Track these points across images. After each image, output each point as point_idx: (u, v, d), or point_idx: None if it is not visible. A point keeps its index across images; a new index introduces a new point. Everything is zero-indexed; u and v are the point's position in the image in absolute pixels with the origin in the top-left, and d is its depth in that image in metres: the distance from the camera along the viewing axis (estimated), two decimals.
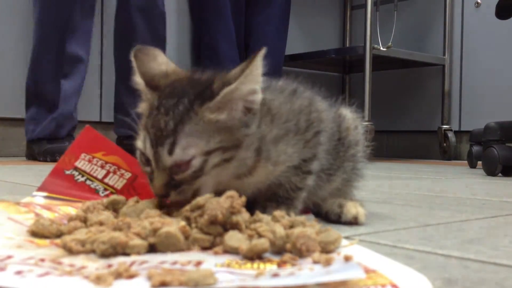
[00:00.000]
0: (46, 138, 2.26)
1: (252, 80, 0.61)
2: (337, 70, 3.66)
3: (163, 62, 0.68)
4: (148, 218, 0.54)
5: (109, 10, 2.59)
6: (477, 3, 3.10)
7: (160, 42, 2.34)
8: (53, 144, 2.22)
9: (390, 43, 2.88)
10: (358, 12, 3.57)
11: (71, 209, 0.71)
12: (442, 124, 3.20)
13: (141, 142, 0.62)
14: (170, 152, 0.60)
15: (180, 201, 0.61)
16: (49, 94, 2.25)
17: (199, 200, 0.56)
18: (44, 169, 1.65)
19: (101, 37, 2.67)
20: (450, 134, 3.15)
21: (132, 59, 0.67)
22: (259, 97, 0.63)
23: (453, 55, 3.21)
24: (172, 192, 0.61)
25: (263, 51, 0.60)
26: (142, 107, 0.65)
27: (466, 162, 2.43)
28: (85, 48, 2.31)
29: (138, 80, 0.66)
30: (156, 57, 0.68)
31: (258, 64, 0.61)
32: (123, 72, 2.38)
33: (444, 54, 3.20)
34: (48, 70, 2.24)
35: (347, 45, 3.67)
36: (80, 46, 2.27)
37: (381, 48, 2.84)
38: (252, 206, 0.65)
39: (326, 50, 3.19)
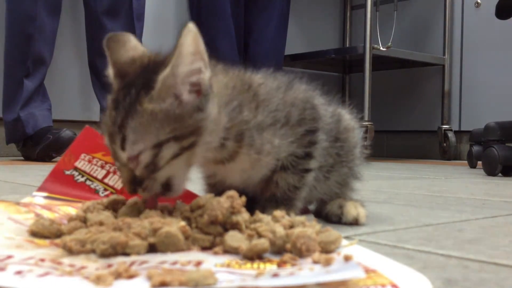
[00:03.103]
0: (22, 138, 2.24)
1: (187, 61, 0.55)
2: (337, 70, 3.66)
3: (132, 47, 0.62)
4: (148, 218, 0.54)
5: None
6: (477, 3, 3.10)
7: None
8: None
9: (390, 43, 2.88)
10: (358, 12, 3.57)
11: (71, 209, 0.71)
12: (442, 124, 3.20)
13: (105, 139, 0.59)
14: (122, 148, 0.56)
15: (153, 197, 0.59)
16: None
17: (199, 200, 0.56)
18: (44, 169, 1.65)
19: None
20: (450, 134, 3.15)
21: (105, 48, 0.61)
22: (204, 76, 0.57)
23: (453, 55, 3.21)
24: (139, 188, 0.58)
25: (190, 25, 0.53)
26: (108, 100, 0.60)
27: (466, 162, 2.43)
28: (49, 48, 2.26)
29: (109, 71, 0.61)
30: (126, 43, 0.62)
31: (187, 42, 0.54)
32: (97, 73, 2.38)
33: (444, 54, 3.21)
34: (14, 68, 2.21)
35: (347, 45, 3.67)
36: (45, 46, 2.23)
37: (381, 48, 2.84)
38: (252, 206, 0.65)
39: (326, 50, 3.19)
